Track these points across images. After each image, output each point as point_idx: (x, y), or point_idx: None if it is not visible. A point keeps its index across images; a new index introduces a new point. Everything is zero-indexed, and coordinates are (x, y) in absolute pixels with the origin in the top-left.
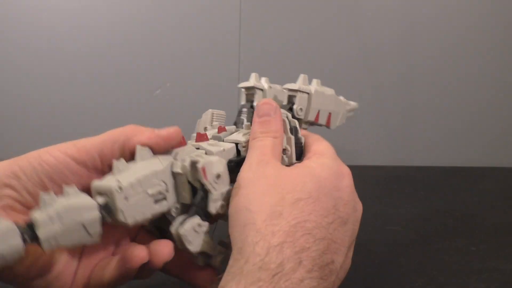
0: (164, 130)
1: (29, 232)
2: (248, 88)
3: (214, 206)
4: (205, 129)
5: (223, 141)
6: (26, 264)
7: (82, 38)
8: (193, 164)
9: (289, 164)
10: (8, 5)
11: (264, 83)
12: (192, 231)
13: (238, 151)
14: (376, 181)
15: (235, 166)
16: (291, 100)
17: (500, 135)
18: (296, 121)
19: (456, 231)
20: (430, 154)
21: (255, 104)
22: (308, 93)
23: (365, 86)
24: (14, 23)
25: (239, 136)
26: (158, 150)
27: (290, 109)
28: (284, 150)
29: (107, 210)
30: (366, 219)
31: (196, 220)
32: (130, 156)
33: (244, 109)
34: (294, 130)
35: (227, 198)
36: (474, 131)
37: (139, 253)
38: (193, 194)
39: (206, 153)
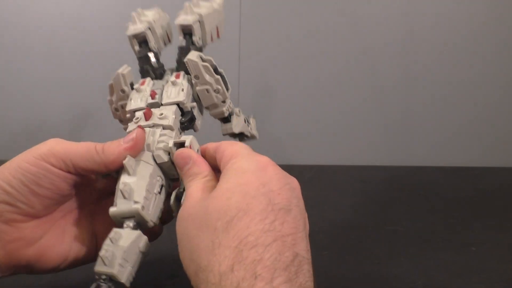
0: (131, 139)
1: (114, 283)
2: (137, 35)
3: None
4: (123, 91)
5: (162, 105)
6: (44, 259)
7: (82, 38)
8: (179, 145)
9: (224, 100)
10: (7, 5)
11: (146, 17)
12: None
13: (181, 109)
14: (376, 181)
15: (188, 124)
16: (186, 32)
17: (500, 135)
18: (211, 58)
19: (456, 231)
20: (430, 154)
21: (150, 45)
22: (199, 21)
23: (365, 86)
24: (14, 23)
25: (173, 95)
26: (135, 155)
27: (192, 43)
28: (216, 91)
29: (140, 226)
30: (366, 219)
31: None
32: (105, 170)
33: (147, 55)
34: (216, 69)
35: None
36: (474, 131)
37: None
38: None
39: (164, 128)
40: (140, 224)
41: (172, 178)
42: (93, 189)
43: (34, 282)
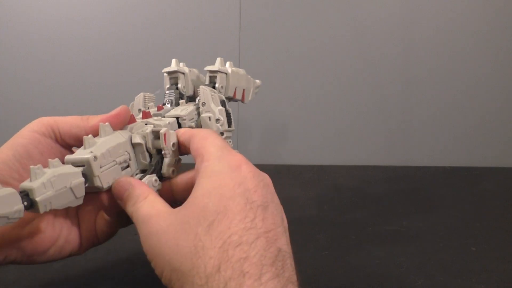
0: (115, 110)
1: (27, 197)
2: (171, 73)
3: (167, 170)
4: (139, 110)
5: (164, 117)
6: (35, 241)
7: (81, 38)
8: (155, 132)
9: (222, 132)
10: (7, 5)
11: (184, 67)
12: (150, 185)
13: (179, 124)
14: (376, 181)
15: None
16: (212, 80)
17: (500, 135)
18: (223, 96)
19: (456, 231)
20: (430, 154)
21: (179, 86)
22: (226, 73)
23: (366, 87)
24: (14, 23)
25: (177, 111)
26: (114, 127)
27: (213, 87)
28: (218, 120)
29: (85, 178)
30: (366, 219)
31: (153, 177)
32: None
33: (171, 91)
34: (223, 103)
35: (177, 166)
36: (474, 131)
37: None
38: (150, 158)
39: (154, 127)
40: (87, 177)
41: (142, 167)
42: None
43: (35, 282)
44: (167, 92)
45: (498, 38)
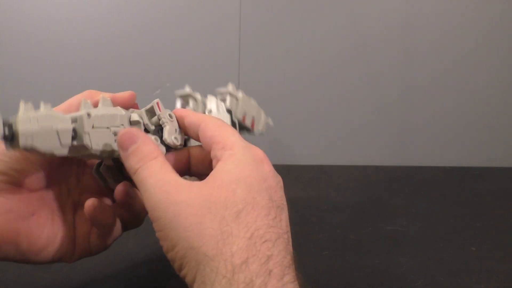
0: (122, 93)
1: (9, 128)
2: (183, 96)
3: (168, 137)
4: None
5: None
6: (32, 238)
7: (81, 38)
8: (150, 108)
9: None
10: (7, 5)
11: (196, 94)
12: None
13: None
14: (376, 181)
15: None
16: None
17: (500, 135)
18: (231, 110)
19: (456, 231)
20: (430, 154)
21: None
22: (236, 97)
23: (365, 86)
24: (13, 23)
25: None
26: (117, 104)
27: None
28: None
29: (76, 134)
30: (366, 219)
31: (157, 139)
32: None
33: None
34: (229, 112)
35: (180, 137)
36: (474, 131)
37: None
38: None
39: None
40: (77, 135)
41: None
42: (80, 181)
43: (34, 282)
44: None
45: (498, 38)
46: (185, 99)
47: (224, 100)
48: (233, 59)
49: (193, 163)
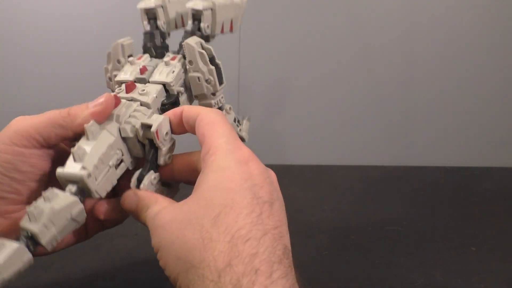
0: (99, 104)
1: (32, 242)
2: (148, 10)
3: (163, 159)
4: (119, 61)
5: (148, 82)
6: None
7: (81, 37)
8: (146, 127)
9: (214, 92)
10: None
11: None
12: (150, 185)
13: (166, 90)
14: (376, 181)
15: (170, 107)
16: (196, 18)
17: (500, 135)
18: (211, 48)
19: (456, 231)
20: (430, 154)
21: (159, 23)
22: (211, 9)
23: (365, 86)
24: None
25: (163, 76)
26: (100, 121)
27: (198, 29)
28: (208, 81)
29: (82, 193)
30: (366, 219)
31: (151, 175)
32: (72, 135)
33: (152, 32)
34: (212, 60)
35: (172, 149)
36: (474, 131)
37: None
38: (143, 148)
39: (141, 104)
40: (84, 192)
41: (136, 156)
42: None
43: (35, 282)
44: (144, 32)
45: (498, 38)
46: (151, 11)
47: (199, 17)
48: (233, 59)
49: (175, 171)
